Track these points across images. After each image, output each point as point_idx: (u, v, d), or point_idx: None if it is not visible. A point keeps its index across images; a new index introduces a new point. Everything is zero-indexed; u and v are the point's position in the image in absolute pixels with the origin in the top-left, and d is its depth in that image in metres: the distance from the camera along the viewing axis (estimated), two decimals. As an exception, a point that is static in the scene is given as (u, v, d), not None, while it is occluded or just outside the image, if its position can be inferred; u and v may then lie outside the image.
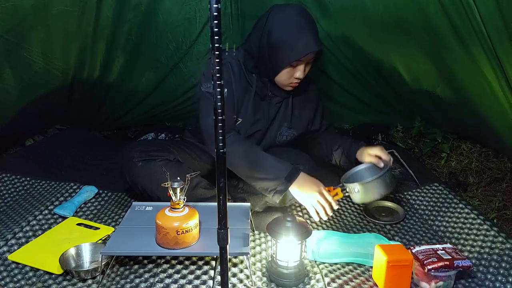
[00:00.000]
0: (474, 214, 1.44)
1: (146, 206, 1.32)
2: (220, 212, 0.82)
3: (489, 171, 1.90)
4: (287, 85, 1.38)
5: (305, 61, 1.32)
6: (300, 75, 1.33)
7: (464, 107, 1.85)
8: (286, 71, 1.33)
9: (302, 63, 1.32)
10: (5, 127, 1.87)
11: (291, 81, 1.36)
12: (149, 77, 2.12)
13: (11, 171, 1.71)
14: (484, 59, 1.47)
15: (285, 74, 1.34)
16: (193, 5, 1.85)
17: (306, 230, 1.11)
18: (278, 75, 1.35)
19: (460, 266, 1.05)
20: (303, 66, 1.33)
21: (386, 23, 1.72)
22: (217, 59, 0.72)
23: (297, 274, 1.12)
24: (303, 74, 1.34)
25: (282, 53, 1.29)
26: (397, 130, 2.26)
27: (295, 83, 1.37)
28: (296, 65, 1.32)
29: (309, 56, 1.31)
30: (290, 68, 1.33)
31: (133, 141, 2.28)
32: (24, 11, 1.49)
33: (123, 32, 1.88)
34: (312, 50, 1.29)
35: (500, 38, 1.35)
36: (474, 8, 1.34)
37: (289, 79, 1.36)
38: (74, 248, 1.19)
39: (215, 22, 0.69)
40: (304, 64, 1.33)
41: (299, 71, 1.33)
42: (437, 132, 2.08)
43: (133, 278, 1.10)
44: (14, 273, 1.13)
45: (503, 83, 1.47)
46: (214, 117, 0.76)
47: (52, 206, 1.47)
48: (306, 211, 1.53)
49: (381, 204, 1.58)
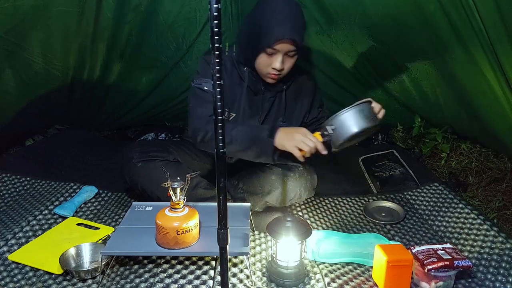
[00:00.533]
0: (474, 214, 1.44)
1: (146, 206, 1.32)
2: (220, 212, 0.82)
3: (489, 171, 1.90)
4: (266, 76, 1.36)
5: (281, 51, 1.28)
6: (277, 66, 1.29)
7: (464, 108, 1.85)
8: (263, 59, 1.31)
9: (278, 53, 1.28)
10: (5, 127, 1.87)
11: (269, 71, 1.33)
12: (149, 77, 2.12)
13: (11, 171, 1.71)
14: (484, 60, 1.47)
15: (262, 62, 1.32)
16: (193, 5, 1.85)
17: (306, 230, 1.11)
18: (256, 64, 1.33)
19: (460, 266, 1.05)
20: (280, 57, 1.29)
21: (386, 24, 1.72)
22: (217, 59, 0.72)
23: (297, 274, 1.12)
24: (281, 65, 1.30)
25: (255, 39, 1.27)
26: (397, 130, 2.26)
27: (274, 74, 1.33)
28: (271, 53, 1.29)
29: (285, 46, 1.26)
30: (267, 56, 1.30)
31: (133, 141, 2.28)
32: (23, 12, 1.49)
33: (123, 32, 1.88)
34: (283, 38, 1.24)
35: (500, 38, 1.35)
36: (474, 8, 1.34)
37: (266, 69, 1.33)
38: (74, 248, 1.19)
39: (215, 22, 0.69)
40: (282, 54, 1.29)
41: (276, 61, 1.29)
42: (437, 132, 2.08)
43: (133, 278, 1.10)
44: (14, 273, 1.13)
45: (503, 84, 1.48)
46: (214, 117, 0.76)
47: (52, 206, 1.47)
48: (306, 211, 1.54)
49: (381, 204, 1.58)
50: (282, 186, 1.38)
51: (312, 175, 1.45)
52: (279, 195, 1.38)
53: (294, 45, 1.28)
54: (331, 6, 1.78)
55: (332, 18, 1.82)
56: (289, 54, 1.31)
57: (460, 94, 1.80)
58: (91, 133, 2.34)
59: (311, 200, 1.63)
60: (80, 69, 1.97)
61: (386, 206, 1.57)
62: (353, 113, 1.20)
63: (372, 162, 1.98)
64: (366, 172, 1.90)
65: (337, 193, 1.72)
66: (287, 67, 1.34)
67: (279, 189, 1.38)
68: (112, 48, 1.93)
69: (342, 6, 1.77)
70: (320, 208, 1.58)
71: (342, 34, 1.88)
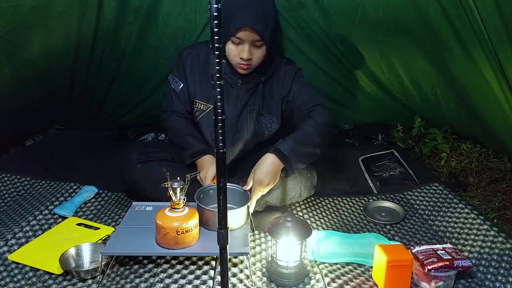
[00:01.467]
0: (474, 214, 1.43)
1: (146, 206, 1.32)
2: (220, 212, 0.82)
3: (489, 171, 1.90)
4: (236, 66, 1.37)
5: (246, 40, 1.28)
6: (244, 56, 1.30)
7: (464, 108, 1.85)
8: (231, 49, 1.32)
9: (244, 43, 1.29)
10: (5, 127, 1.87)
11: (238, 61, 1.34)
12: (149, 77, 2.12)
13: (11, 171, 1.71)
14: (484, 61, 1.47)
15: (231, 52, 1.33)
16: (193, 6, 1.86)
17: (306, 230, 1.11)
18: (226, 54, 1.35)
19: (460, 266, 1.05)
20: (245, 46, 1.29)
21: (386, 25, 1.72)
22: (217, 59, 0.72)
23: (297, 274, 1.11)
24: (248, 55, 1.31)
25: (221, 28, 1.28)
26: (397, 130, 2.26)
27: (243, 64, 1.34)
28: (237, 43, 1.30)
29: (248, 35, 1.27)
30: (234, 46, 1.31)
31: (133, 141, 2.28)
32: (24, 12, 1.49)
33: (124, 33, 1.88)
34: (243, 25, 1.25)
35: (501, 39, 1.35)
36: (475, 10, 1.34)
37: (235, 59, 1.34)
38: (74, 248, 1.19)
39: (215, 22, 0.69)
40: (248, 44, 1.29)
41: (243, 51, 1.30)
42: (437, 132, 2.08)
43: (133, 278, 1.10)
44: (14, 273, 1.13)
45: (503, 85, 1.48)
46: (214, 117, 0.76)
47: (52, 206, 1.47)
48: (306, 211, 1.54)
49: (381, 204, 1.58)
50: (282, 185, 1.38)
51: (312, 173, 1.45)
52: (279, 194, 1.39)
53: (258, 35, 1.28)
54: (331, 7, 1.78)
55: (331, 18, 1.82)
56: (256, 44, 1.32)
57: (460, 94, 1.80)
58: (91, 133, 2.34)
59: (311, 200, 1.63)
60: (81, 70, 1.97)
61: (386, 206, 1.57)
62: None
63: (372, 162, 1.98)
64: (366, 172, 1.90)
65: (337, 193, 1.72)
66: (255, 57, 1.34)
67: (279, 188, 1.38)
68: (112, 49, 1.93)
69: (342, 8, 1.77)
70: (320, 208, 1.58)
71: (341, 35, 1.88)
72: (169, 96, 1.50)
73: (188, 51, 1.47)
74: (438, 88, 1.88)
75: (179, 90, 1.47)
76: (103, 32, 1.82)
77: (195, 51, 1.46)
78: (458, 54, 1.57)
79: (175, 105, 1.49)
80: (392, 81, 2.01)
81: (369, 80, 2.07)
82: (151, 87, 2.16)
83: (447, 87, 1.83)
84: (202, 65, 1.45)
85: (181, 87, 1.46)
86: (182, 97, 1.47)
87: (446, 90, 1.85)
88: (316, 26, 1.86)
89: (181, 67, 1.47)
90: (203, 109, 1.47)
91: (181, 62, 1.47)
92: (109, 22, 1.79)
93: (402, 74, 1.94)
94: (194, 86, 1.46)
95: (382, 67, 1.95)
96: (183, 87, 1.46)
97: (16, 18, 1.48)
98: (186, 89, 1.47)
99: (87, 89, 2.10)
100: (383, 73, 1.99)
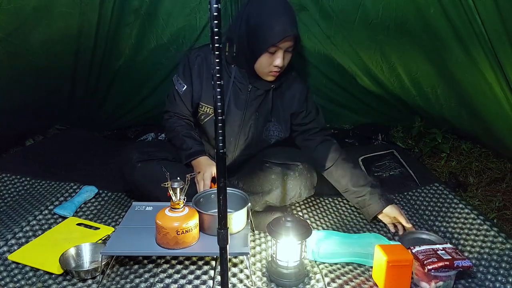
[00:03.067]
0: (474, 214, 1.44)
1: (146, 206, 1.32)
2: (220, 212, 0.82)
3: (489, 171, 1.90)
4: (267, 74, 1.38)
5: (283, 48, 1.31)
6: (279, 63, 1.33)
7: (465, 108, 1.85)
8: (265, 58, 1.33)
9: (280, 50, 1.32)
10: (5, 127, 1.87)
11: (271, 69, 1.36)
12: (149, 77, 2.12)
13: (11, 171, 1.71)
14: (484, 61, 1.47)
15: (264, 61, 1.34)
16: (193, 6, 1.86)
17: (306, 230, 1.11)
18: (257, 63, 1.35)
19: (460, 266, 1.05)
20: (281, 53, 1.32)
21: (386, 25, 1.72)
22: (217, 59, 0.72)
23: (297, 274, 1.12)
24: (282, 62, 1.34)
25: (259, 39, 1.29)
26: (397, 130, 2.26)
27: (275, 71, 1.37)
28: (274, 51, 1.32)
29: (287, 42, 1.30)
30: (268, 55, 1.33)
31: (133, 141, 2.28)
32: (26, 13, 1.49)
33: (124, 34, 1.88)
34: (288, 35, 1.28)
35: (501, 39, 1.35)
36: (475, 10, 1.34)
37: (268, 67, 1.35)
38: (74, 248, 1.19)
39: (215, 22, 0.69)
40: (283, 51, 1.32)
41: (278, 58, 1.32)
42: (437, 132, 2.08)
43: (133, 278, 1.10)
44: (14, 273, 1.13)
45: (504, 85, 1.47)
46: (214, 117, 0.76)
47: (52, 206, 1.47)
48: (306, 211, 1.54)
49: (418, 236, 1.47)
50: (282, 185, 1.38)
51: (312, 173, 1.45)
52: (279, 194, 1.39)
53: (295, 41, 1.32)
54: (331, 8, 1.78)
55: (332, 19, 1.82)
56: (289, 50, 1.35)
57: (460, 94, 1.79)
58: (91, 133, 2.34)
59: (311, 200, 1.63)
60: (81, 70, 1.97)
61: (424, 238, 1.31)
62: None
63: (372, 162, 1.98)
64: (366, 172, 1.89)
65: (337, 193, 1.71)
66: (285, 62, 1.37)
67: (279, 188, 1.38)
68: (112, 49, 1.93)
69: (342, 8, 1.77)
70: (320, 208, 1.58)
71: (341, 36, 1.88)
72: (172, 97, 1.51)
73: (196, 53, 1.47)
74: (439, 88, 1.88)
75: (182, 92, 1.46)
76: (104, 32, 1.82)
77: (203, 54, 1.46)
78: (458, 54, 1.57)
79: (177, 106, 1.50)
80: (392, 81, 2.01)
81: (369, 80, 2.07)
82: (151, 87, 2.15)
83: (448, 87, 1.83)
84: (210, 68, 1.45)
85: (185, 88, 1.46)
86: (184, 99, 1.48)
87: (446, 90, 1.85)
88: (317, 28, 1.86)
89: (187, 69, 1.47)
90: (209, 112, 1.47)
91: (188, 64, 1.46)
92: (109, 22, 1.79)
93: (402, 74, 1.94)
94: (200, 89, 1.46)
95: (382, 68, 1.95)
96: (186, 89, 1.46)
97: (18, 19, 1.49)
98: (190, 91, 1.47)
99: (87, 89, 2.10)
100: (383, 73, 1.99)
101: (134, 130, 2.41)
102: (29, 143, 2.09)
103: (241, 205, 1.22)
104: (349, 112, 2.31)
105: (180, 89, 1.47)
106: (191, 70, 1.46)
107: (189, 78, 1.46)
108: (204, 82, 1.45)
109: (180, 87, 1.46)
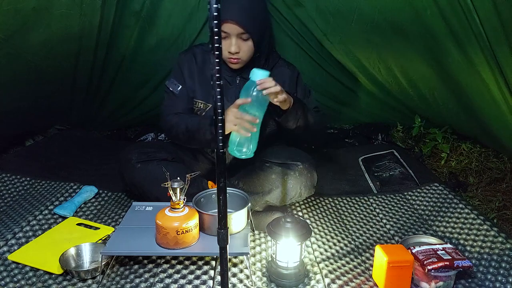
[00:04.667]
0: (474, 214, 1.44)
1: (146, 206, 1.32)
2: (220, 212, 0.82)
3: (489, 171, 1.90)
4: (227, 61, 1.41)
5: (231, 33, 1.33)
6: (232, 49, 1.34)
7: (463, 109, 1.84)
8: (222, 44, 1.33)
9: (230, 36, 1.34)
10: (5, 127, 1.87)
11: (227, 55, 1.38)
12: (149, 78, 2.13)
13: (11, 171, 1.71)
14: (482, 62, 1.47)
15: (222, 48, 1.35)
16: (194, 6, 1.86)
17: (306, 231, 1.11)
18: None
19: (460, 266, 1.05)
20: (233, 40, 1.34)
21: (383, 27, 1.71)
22: (217, 59, 0.72)
23: (297, 274, 1.11)
24: (236, 48, 1.35)
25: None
26: (397, 130, 2.26)
27: (232, 58, 1.38)
28: (224, 37, 1.34)
29: (232, 27, 1.31)
30: (224, 42, 1.34)
31: (133, 142, 2.28)
32: (25, 14, 1.48)
33: (124, 35, 1.89)
34: (227, 18, 1.29)
35: (499, 40, 1.35)
36: (473, 10, 1.33)
37: (224, 53, 1.37)
38: (74, 248, 1.19)
39: (215, 22, 0.69)
40: (234, 37, 1.34)
41: (230, 44, 1.35)
42: (437, 132, 2.08)
43: (133, 278, 1.10)
44: (14, 273, 1.13)
45: (502, 86, 1.47)
46: (214, 117, 0.76)
47: (52, 206, 1.47)
48: (306, 211, 1.54)
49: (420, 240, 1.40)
50: (282, 185, 1.38)
51: (312, 173, 1.45)
52: (279, 194, 1.38)
53: (242, 28, 1.32)
54: (328, 8, 1.78)
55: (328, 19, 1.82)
56: (242, 37, 1.36)
57: (458, 95, 1.79)
58: (91, 133, 2.34)
59: (311, 200, 1.63)
60: (82, 71, 1.97)
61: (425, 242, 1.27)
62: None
63: (372, 162, 1.98)
64: (366, 172, 1.90)
65: (337, 193, 1.72)
66: (243, 50, 1.38)
67: (280, 188, 1.38)
68: (113, 49, 1.94)
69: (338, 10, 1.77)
70: (320, 208, 1.58)
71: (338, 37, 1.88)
72: (168, 100, 1.50)
73: (184, 54, 1.51)
74: (436, 90, 1.87)
75: (178, 91, 1.48)
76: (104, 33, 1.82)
77: (191, 54, 1.50)
78: (455, 56, 1.57)
79: (177, 105, 1.49)
80: (390, 82, 2.01)
81: (367, 80, 2.07)
82: (151, 87, 2.16)
83: (445, 88, 1.82)
84: (199, 66, 1.48)
85: (180, 88, 1.48)
86: (182, 97, 1.48)
87: (444, 92, 1.85)
88: (314, 25, 1.87)
89: (178, 70, 1.49)
90: (203, 108, 1.48)
91: (178, 66, 1.49)
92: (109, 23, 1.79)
93: (399, 76, 1.93)
94: (193, 86, 1.48)
95: (380, 69, 1.95)
96: (182, 88, 1.48)
97: (18, 20, 1.48)
98: (185, 90, 1.48)
99: (88, 90, 2.10)
100: (381, 75, 1.99)
101: (134, 130, 2.41)
102: (29, 143, 2.09)
103: (241, 205, 1.22)
104: (350, 111, 2.31)
105: (176, 90, 1.48)
106: (183, 70, 1.48)
107: (182, 79, 1.48)
108: (196, 80, 1.48)
109: (176, 87, 1.48)
